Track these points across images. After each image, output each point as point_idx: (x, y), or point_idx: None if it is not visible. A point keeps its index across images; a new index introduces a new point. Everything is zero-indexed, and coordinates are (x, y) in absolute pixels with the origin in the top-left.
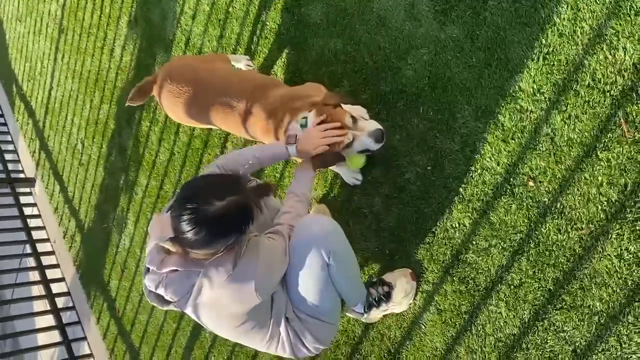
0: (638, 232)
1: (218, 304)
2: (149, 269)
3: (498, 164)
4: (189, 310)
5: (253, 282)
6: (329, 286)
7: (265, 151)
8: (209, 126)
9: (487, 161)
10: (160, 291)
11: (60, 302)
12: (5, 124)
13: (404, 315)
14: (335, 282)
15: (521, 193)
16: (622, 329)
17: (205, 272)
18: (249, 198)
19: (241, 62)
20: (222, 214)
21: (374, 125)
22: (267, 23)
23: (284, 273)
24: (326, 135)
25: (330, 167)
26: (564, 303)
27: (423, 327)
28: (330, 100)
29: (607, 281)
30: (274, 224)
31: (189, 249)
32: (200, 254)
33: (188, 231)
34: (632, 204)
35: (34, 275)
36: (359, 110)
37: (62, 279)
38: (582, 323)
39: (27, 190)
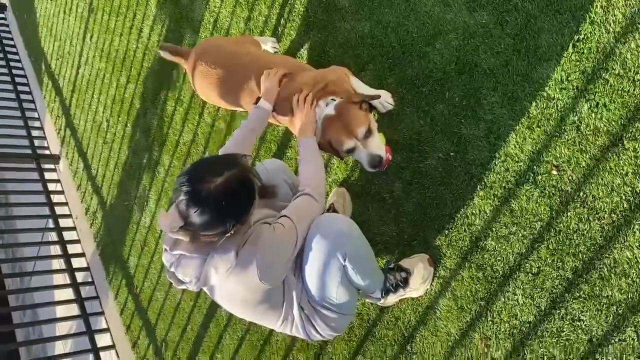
0: None
1: (228, 290)
2: (166, 248)
3: (522, 151)
4: (205, 289)
5: (256, 271)
6: (344, 284)
7: (251, 120)
8: (238, 109)
9: (511, 148)
10: (173, 270)
11: (79, 277)
12: (33, 101)
13: (419, 300)
14: (352, 280)
15: (544, 181)
16: None
17: (210, 261)
18: (248, 171)
19: (267, 44)
20: (223, 188)
21: (377, 149)
22: (295, 6)
23: (300, 263)
24: (273, 76)
25: None
26: (582, 292)
27: (438, 312)
28: (355, 98)
29: (627, 271)
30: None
31: (199, 232)
32: (210, 235)
33: (193, 213)
34: None
35: (55, 250)
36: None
37: (82, 254)
38: (599, 312)
39: (52, 166)
